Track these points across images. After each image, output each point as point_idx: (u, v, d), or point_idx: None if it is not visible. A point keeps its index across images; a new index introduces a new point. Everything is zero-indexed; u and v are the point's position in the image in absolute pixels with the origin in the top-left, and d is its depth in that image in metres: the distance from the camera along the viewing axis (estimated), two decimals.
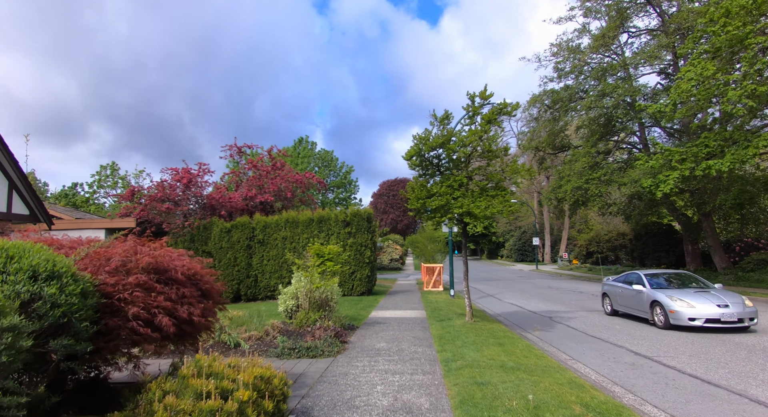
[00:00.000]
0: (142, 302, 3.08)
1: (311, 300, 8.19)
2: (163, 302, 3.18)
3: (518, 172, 8.12)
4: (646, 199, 23.89)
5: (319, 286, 7.82)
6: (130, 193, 16.31)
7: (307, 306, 8.14)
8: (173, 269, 3.43)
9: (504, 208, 7.79)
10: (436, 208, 8.04)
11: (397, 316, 10.56)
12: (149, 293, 3.17)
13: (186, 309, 3.33)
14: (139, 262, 3.28)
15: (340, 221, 16.55)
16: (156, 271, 3.35)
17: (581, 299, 15.72)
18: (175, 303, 3.30)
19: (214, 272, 4.62)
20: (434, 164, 8.75)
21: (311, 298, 8.18)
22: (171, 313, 3.22)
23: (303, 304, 8.21)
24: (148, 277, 3.21)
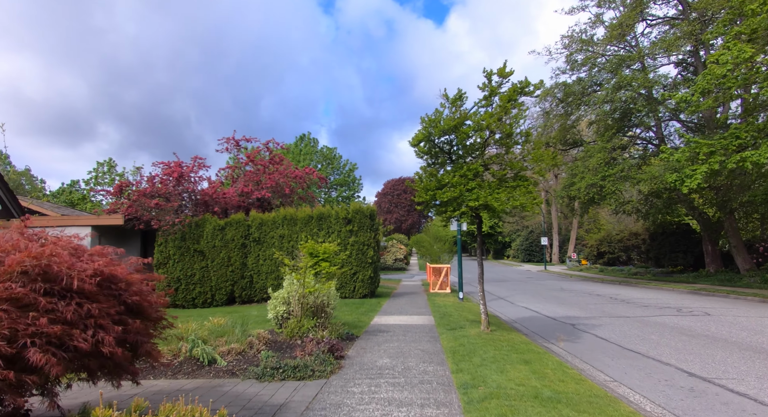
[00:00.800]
0: (6, 328, 2.00)
1: (304, 306, 7.12)
2: (47, 326, 2.10)
3: (542, 159, 7.01)
4: (665, 197, 22.64)
5: (313, 290, 6.74)
6: (118, 188, 15.32)
7: (299, 313, 7.07)
8: (70, 275, 2.33)
9: (528, 200, 6.69)
10: (448, 201, 6.95)
11: (403, 323, 9.46)
12: (25, 312, 2.10)
13: (88, 335, 2.25)
14: (10, 262, 2.18)
15: (341, 219, 15.48)
16: (45, 276, 2.27)
17: (600, 303, 14.55)
18: (73, 325, 2.22)
19: (154, 277, 3.56)
20: (445, 151, 7.65)
21: (304, 304, 7.10)
22: (61, 342, 2.15)
23: (295, 311, 7.14)
24: (26, 288, 2.14)
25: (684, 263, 26.21)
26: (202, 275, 15.12)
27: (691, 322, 10.31)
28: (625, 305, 13.91)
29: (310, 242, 7.47)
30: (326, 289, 6.95)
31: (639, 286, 21.66)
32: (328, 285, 6.90)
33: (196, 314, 11.41)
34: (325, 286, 6.85)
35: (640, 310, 12.57)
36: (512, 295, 17.42)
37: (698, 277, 22.86)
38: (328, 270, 7.06)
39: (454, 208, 6.99)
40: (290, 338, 6.91)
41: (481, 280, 8.01)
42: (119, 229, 16.02)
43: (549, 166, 7.09)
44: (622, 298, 15.95)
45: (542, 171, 7.09)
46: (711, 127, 20.96)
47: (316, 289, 6.76)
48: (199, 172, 16.70)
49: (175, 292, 15.02)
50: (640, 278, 25.27)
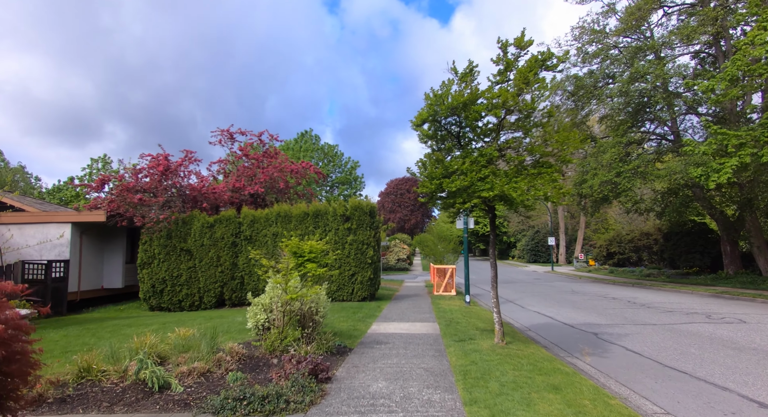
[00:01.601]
0: None
1: (287, 314, 6.04)
2: None
3: (568, 142, 5.90)
4: (682, 195, 21.41)
5: (296, 296, 5.65)
6: (100, 182, 14.30)
7: (281, 322, 5.99)
8: None
9: (553, 190, 5.59)
10: (457, 191, 5.86)
11: (404, 332, 8.37)
12: None
13: None
14: None
15: (339, 215, 14.40)
16: None
17: (619, 307, 13.40)
18: None
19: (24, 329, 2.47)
20: (453, 134, 6.55)
21: (287, 312, 6.03)
22: None
23: (276, 321, 6.07)
24: None
25: (701, 264, 24.95)
26: (189, 276, 14.08)
27: (728, 331, 9.16)
28: (647, 310, 12.76)
29: (294, 240, 6.39)
30: (312, 294, 5.87)
31: (654, 288, 20.47)
32: (314, 290, 5.81)
33: (176, 320, 10.36)
34: (312, 291, 5.76)
35: (665, 317, 11.43)
36: (522, 298, 16.28)
37: (717, 280, 21.64)
38: (315, 272, 5.98)
39: (464, 200, 5.89)
40: (270, 353, 5.83)
41: (494, 284, 6.90)
42: (103, 226, 15.03)
43: (578, 149, 5.96)
44: (641, 302, 14.79)
45: (568, 156, 5.98)
46: (732, 120, 19.75)
47: (299, 295, 5.67)
48: (189, 167, 15.70)
49: (160, 295, 13.99)
50: (653, 280, 24.05)
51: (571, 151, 5.96)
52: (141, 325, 8.96)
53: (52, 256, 13.95)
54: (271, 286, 6.59)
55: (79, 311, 14.32)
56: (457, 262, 20.24)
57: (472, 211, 6.59)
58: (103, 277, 15.88)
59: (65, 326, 9.66)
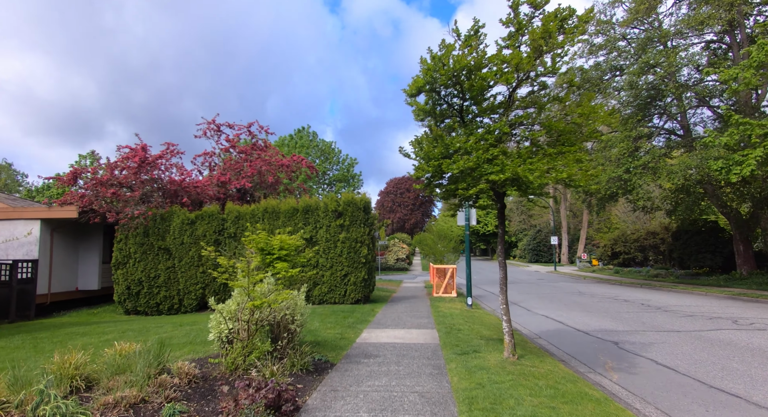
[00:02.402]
0: None
1: (253, 323, 4.97)
2: None
3: (595, 115, 4.83)
4: (695, 191, 20.33)
5: (260, 303, 4.56)
6: (73, 175, 13.21)
7: (246, 334, 4.92)
8: None
9: (579, 172, 4.54)
10: (460, 175, 4.81)
11: (398, 341, 7.30)
12: None
13: None
14: None
15: (330, 211, 13.33)
16: None
17: (633, 311, 12.34)
18: None
19: None
20: (455, 109, 5.49)
21: (253, 321, 4.95)
22: None
23: (241, 332, 5.00)
24: None
25: (712, 264, 23.87)
26: (168, 277, 13.00)
27: (765, 340, 8.10)
28: (665, 314, 11.70)
29: (261, 234, 5.31)
30: (282, 299, 4.77)
31: (665, 289, 19.41)
32: (285, 294, 4.72)
33: (140, 327, 9.27)
34: (282, 296, 4.68)
35: (687, 322, 10.36)
36: (527, 300, 15.21)
37: (730, 280, 20.57)
38: (287, 273, 4.90)
39: (468, 185, 4.83)
40: (231, 372, 4.76)
41: (504, 286, 5.82)
42: (77, 223, 13.95)
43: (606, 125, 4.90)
44: (656, 305, 13.73)
45: (594, 133, 4.90)
46: (747, 112, 18.69)
47: (265, 302, 4.58)
48: (172, 159, 14.62)
49: (136, 297, 12.91)
50: (662, 281, 22.98)
51: (597, 126, 4.89)
52: (98, 334, 7.90)
53: (19, 256, 12.88)
54: (239, 291, 5.52)
55: (49, 315, 13.24)
56: (457, 261, 19.18)
57: (477, 200, 5.49)
58: (78, 278, 14.80)
59: (14, 334, 8.59)
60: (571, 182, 4.66)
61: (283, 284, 5.17)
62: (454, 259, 18.94)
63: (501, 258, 5.82)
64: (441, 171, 5.02)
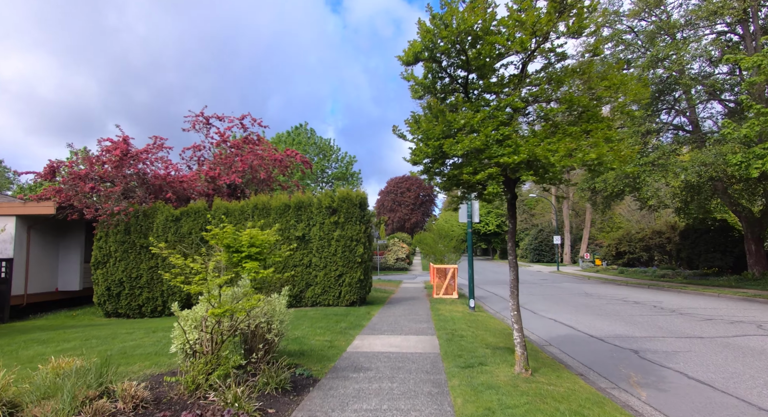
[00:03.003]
0: None
1: (219, 334, 4.18)
2: None
3: (625, 87, 4.05)
4: (707, 189, 19.52)
5: (221, 312, 3.75)
6: (50, 169, 12.43)
7: (209, 347, 4.13)
8: None
9: (612, 152, 3.76)
10: (466, 157, 4.03)
11: (394, 351, 6.51)
12: None
13: None
14: None
15: (324, 208, 12.55)
16: None
17: (647, 314, 11.55)
18: None
19: None
20: (458, 82, 4.70)
21: (219, 332, 4.17)
22: None
23: (204, 344, 4.21)
24: None
25: (722, 264, 23.06)
26: (151, 277, 12.21)
27: None
28: (681, 318, 10.91)
29: (228, 228, 4.52)
30: (248, 306, 3.95)
31: (674, 290, 18.62)
32: (253, 300, 3.89)
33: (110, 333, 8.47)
34: (249, 303, 3.86)
35: (708, 327, 9.58)
36: (532, 302, 14.41)
37: (742, 281, 19.78)
38: (257, 275, 4.10)
39: (475, 169, 4.04)
40: (191, 393, 3.98)
41: (515, 290, 5.02)
42: (57, 220, 13.18)
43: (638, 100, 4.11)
44: (669, 307, 12.95)
45: (626, 108, 4.10)
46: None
47: (225, 312, 3.78)
48: (159, 154, 13.84)
49: (117, 299, 12.13)
50: (670, 281, 22.19)
51: (628, 100, 4.10)
52: (60, 341, 7.11)
53: None
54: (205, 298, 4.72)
55: (25, 317, 12.46)
56: (458, 261, 18.39)
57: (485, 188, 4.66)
58: (58, 279, 14.02)
59: None
60: (601, 164, 3.88)
61: (252, 288, 4.38)
62: (455, 258, 18.15)
63: (512, 257, 5.02)
64: (442, 153, 4.23)
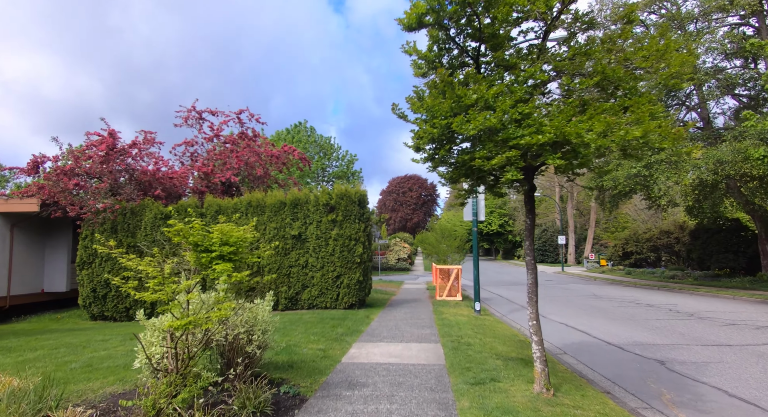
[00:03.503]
0: None
1: (185, 349, 3.54)
2: None
3: (669, 56, 3.39)
4: (721, 187, 18.79)
5: (187, 323, 3.08)
6: (33, 164, 11.82)
7: (174, 364, 3.48)
8: None
9: (659, 129, 3.10)
10: (479, 138, 3.38)
11: (393, 362, 5.85)
12: None
13: None
14: None
15: (322, 205, 11.90)
16: None
17: (664, 318, 10.85)
18: None
19: None
20: (468, 53, 4.04)
21: (183, 347, 3.52)
22: None
23: (169, 360, 3.56)
24: None
25: (735, 265, 22.32)
26: (139, 278, 11.57)
27: None
28: (701, 323, 10.22)
29: (195, 223, 3.88)
30: (216, 318, 3.28)
31: (685, 292, 17.92)
32: (224, 310, 3.22)
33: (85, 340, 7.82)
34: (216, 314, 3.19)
35: (732, 333, 8.89)
36: (540, 305, 13.72)
37: (756, 283, 19.05)
38: (227, 278, 3.44)
39: (490, 153, 3.38)
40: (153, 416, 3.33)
41: (533, 296, 4.35)
42: (42, 218, 12.57)
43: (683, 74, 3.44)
44: (686, 311, 12.25)
45: (671, 79, 3.44)
46: None
47: (187, 324, 3.12)
48: (150, 149, 13.23)
49: (102, 301, 11.50)
50: (680, 282, 21.47)
51: (673, 72, 3.43)
52: (26, 350, 6.47)
53: None
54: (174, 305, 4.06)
55: (7, 321, 11.85)
56: (462, 262, 17.71)
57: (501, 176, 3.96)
58: (44, 279, 13.41)
59: None
60: (646, 144, 3.22)
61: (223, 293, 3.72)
62: (459, 259, 17.47)
63: (530, 257, 4.35)
64: (450, 135, 3.58)
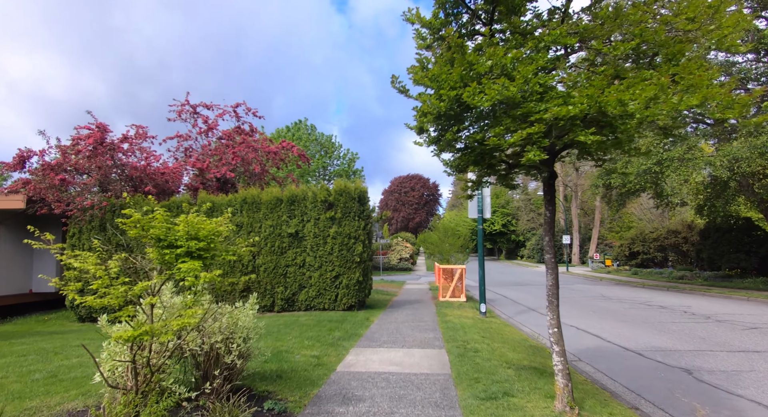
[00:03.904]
0: None
1: (145, 364, 3.00)
2: None
3: (720, 17, 2.84)
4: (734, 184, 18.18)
5: (139, 334, 2.54)
6: (19, 159, 11.32)
7: (132, 382, 2.95)
8: None
9: (722, 96, 2.56)
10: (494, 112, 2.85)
11: (394, 371, 5.31)
12: None
13: None
14: None
15: (320, 202, 11.37)
16: None
17: (680, 321, 10.28)
18: None
19: None
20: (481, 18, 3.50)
21: (143, 362, 2.99)
22: None
23: (128, 375, 3.03)
24: None
25: (747, 265, 21.67)
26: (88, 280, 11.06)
27: None
28: (720, 326, 9.64)
29: (157, 213, 3.36)
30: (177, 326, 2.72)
31: (697, 293, 17.32)
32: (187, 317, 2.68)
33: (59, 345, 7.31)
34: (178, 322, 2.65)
35: (758, 338, 8.32)
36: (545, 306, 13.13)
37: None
38: (194, 280, 2.89)
39: (508, 129, 2.83)
40: None
41: (554, 299, 3.80)
42: (30, 216, 12.07)
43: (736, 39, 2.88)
44: (702, 313, 11.67)
45: (727, 41, 2.88)
46: None
47: (140, 334, 2.58)
48: (142, 144, 12.73)
49: None
50: (690, 283, 20.86)
51: (725, 32, 2.87)
52: None
53: None
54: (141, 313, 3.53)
55: None
56: (466, 262, 17.15)
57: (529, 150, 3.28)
58: (33, 279, 12.92)
59: None
60: (705, 112, 2.67)
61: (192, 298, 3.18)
62: (463, 258, 16.91)
63: (550, 255, 3.80)
64: (459, 113, 3.04)
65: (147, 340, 2.74)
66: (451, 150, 3.95)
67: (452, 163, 4.17)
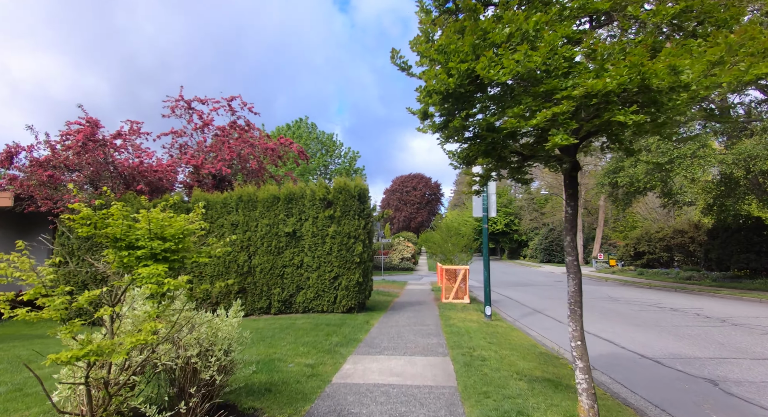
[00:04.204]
0: None
1: (101, 386, 2.57)
2: None
3: None
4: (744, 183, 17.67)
5: (85, 353, 2.12)
6: (6, 155, 10.91)
7: (87, 406, 2.52)
8: None
9: None
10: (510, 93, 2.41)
11: (394, 383, 4.86)
12: None
13: None
14: None
15: (318, 200, 10.93)
16: None
17: (696, 324, 9.80)
18: None
19: None
20: None
21: (99, 384, 2.56)
22: None
23: (78, 399, 2.61)
24: None
25: (757, 266, 21.15)
26: None
27: None
28: (739, 331, 9.17)
29: (114, 209, 2.90)
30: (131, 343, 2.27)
31: (707, 294, 16.85)
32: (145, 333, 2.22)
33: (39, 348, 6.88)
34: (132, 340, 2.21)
35: None
36: (552, 308, 12.70)
37: None
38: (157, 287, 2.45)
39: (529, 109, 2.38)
40: None
41: (577, 309, 3.33)
42: (19, 214, 11.67)
43: None
44: (716, 316, 11.19)
45: None
46: None
47: (89, 353, 2.17)
48: (136, 140, 12.33)
49: None
50: (699, 284, 20.36)
51: None
52: None
53: None
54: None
55: None
56: (469, 262, 16.69)
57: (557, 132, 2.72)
58: None
59: None
60: None
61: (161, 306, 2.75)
62: (467, 259, 16.45)
63: (571, 257, 3.33)
64: (471, 87, 2.60)
65: (92, 361, 2.30)
66: (459, 139, 3.49)
67: (459, 155, 3.72)
